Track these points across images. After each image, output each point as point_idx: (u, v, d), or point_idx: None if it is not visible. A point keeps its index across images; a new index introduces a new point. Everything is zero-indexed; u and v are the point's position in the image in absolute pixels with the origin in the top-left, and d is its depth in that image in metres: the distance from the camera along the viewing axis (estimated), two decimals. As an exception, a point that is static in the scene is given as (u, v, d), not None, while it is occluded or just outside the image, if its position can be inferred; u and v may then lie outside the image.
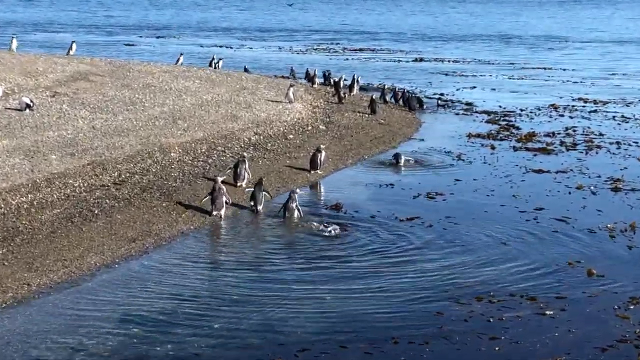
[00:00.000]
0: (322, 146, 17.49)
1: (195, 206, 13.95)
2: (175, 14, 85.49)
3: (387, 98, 27.28)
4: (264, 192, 14.36)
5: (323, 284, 10.76)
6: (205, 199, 13.84)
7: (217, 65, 33.89)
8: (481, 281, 10.92)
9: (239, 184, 15.39)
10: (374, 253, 12.04)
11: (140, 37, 56.89)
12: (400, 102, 27.28)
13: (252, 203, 14.29)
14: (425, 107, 26.90)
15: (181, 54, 35.43)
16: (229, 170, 15.73)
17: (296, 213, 13.71)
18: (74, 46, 35.07)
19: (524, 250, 12.28)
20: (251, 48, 50.55)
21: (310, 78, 30.66)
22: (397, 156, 18.32)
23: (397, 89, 28.28)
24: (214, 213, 13.62)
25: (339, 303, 10.08)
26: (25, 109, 19.23)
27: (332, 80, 29.49)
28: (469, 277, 11.06)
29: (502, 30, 68.11)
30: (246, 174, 15.55)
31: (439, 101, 28.57)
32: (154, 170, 15.74)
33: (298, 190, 14.16)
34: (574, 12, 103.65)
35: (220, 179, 14.09)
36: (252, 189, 14.50)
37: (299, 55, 46.22)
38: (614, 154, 19.95)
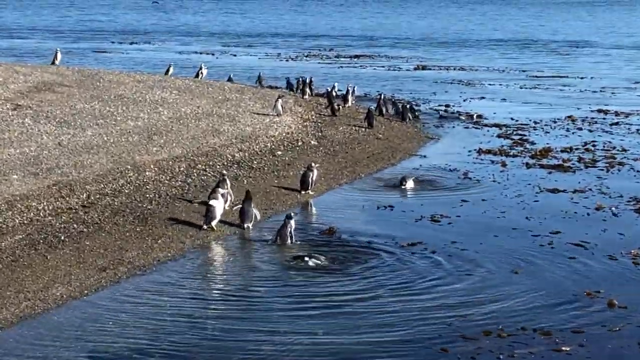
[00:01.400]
0: (313, 164, 17.56)
1: (173, 231, 13.98)
2: (152, 18, 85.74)
3: (384, 110, 27.42)
4: (253, 208, 14.54)
5: (314, 317, 10.77)
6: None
7: (200, 74, 33.99)
8: (490, 314, 10.94)
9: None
10: (371, 283, 12.06)
11: (112, 42, 57.07)
12: (391, 111, 27.45)
13: (240, 221, 14.51)
14: (419, 118, 26.96)
15: (170, 65, 35.56)
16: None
17: (289, 240, 13.75)
18: (59, 55, 35.08)
19: (537, 279, 12.31)
20: (235, 55, 50.73)
21: (300, 88, 30.79)
22: (404, 179, 18.17)
23: (383, 97, 28.34)
24: (205, 227, 14.17)
25: (331, 339, 10.09)
26: (-17, 124, 19.29)
27: (303, 88, 29.81)
28: (476, 309, 11.08)
29: (513, 35, 68.50)
30: (228, 195, 15.59)
31: (441, 112, 28.72)
32: (126, 191, 15.77)
33: (294, 215, 14.20)
34: (597, 14, 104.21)
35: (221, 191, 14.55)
36: (240, 206, 14.64)
37: (288, 63, 46.41)
38: (638, 171, 20.07)
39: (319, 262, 12.93)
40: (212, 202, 14.29)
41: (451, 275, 12.41)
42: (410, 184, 18.08)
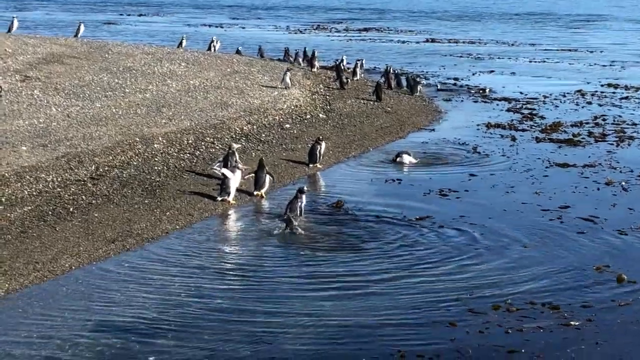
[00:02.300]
0: (321, 137, 17.49)
1: (181, 203, 13.96)
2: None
3: (393, 84, 27.30)
4: (267, 175, 14.74)
5: (321, 291, 10.74)
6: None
7: (214, 47, 33.82)
8: (498, 288, 10.90)
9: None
10: (379, 257, 12.01)
11: (121, 15, 56.88)
12: (400, 85, 27.37)
13: (254, 188, 14.80)
14: (419, 89, 26.79)
15: (183, 36, 35.40)
16: (217, 164, 15.78)
17: (299, 213, 13.70)
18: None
19: (546, 254, 12.25)
20: (244, 27, 50.54)
21: (309, 61, 30.64)
22: (399, 155, 18.04)
23: (392, 71, 28.19)
24: (219, 198, 14.26)
25: (339, 312, 10.06)
26: (-8, 95, 19.26)
27: (308, 61, 29.83)
28: (484, 284, 11.04)
29: (524, 9, 68.05)
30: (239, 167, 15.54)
31: (440, 85, 28.52)
32: (135, 163, 15.73)
33: (306, 189, 14.16)
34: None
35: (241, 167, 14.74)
36: (252, 174, 14.88)
37: (297, 35, 46.21)
38: (648, 145, 19.98)
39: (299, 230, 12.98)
40: (227, 173, 14.31)
41: (459, 250, 12.35)
42: (405, 159, 17.89)
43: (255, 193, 14.96)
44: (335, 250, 12.29)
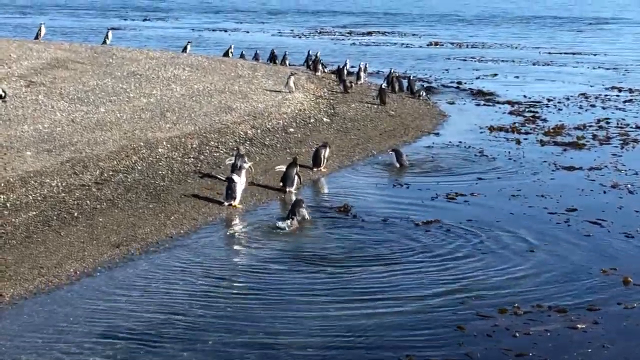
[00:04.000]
0: (326, 141, 17.47)
1: (186, 208, 13.91)
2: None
3: (396, 87, 27.25)
4: (297, 175, 15.22)
5: (327, 294, 10.68)
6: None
7: (231, 53, 33.79)
8: (506, 291, 10.85)
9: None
10: (386, 260, 11.96)
11: (125, 20, 56.92)
12: (403, 88, 27.36)
13: (282, 185, 15.23)
14: (423, 93, 26.69)
15: (188, 42, 35.40)
16: (228, 161, 16.08)
17: (306, 216, 13.67)
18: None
19: (553, 257, 12.20)
20: (248, 32, 50.54)
21: (312, 65, 30.61)
22: (397, 154, 17.99)
23: (395, 75, 28.14)
24: (226, 203, 14.29)
25: (345, 316, 10.01)
26: (-4, 100, 19.25)
27: (309, 64, 29.91)
28: (492, 287, 10.99)
29: (527, 12, 68.02)
30: (249, 169, 15.64)
31: (442, 88, 28.40)
32: (139, 168, 15.69)
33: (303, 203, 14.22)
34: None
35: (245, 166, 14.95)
36: (284, 168, 15.35)
37: (301, 40, 46.20)
38: (652, 148, 19.91)
39: (291, 225, 13.14)
40: (233, 177, 14.30)
41: (467, 253, 12.29)
42: (393, 157, 17.81)
43: (287, 190, 15.33)
44: (342, 254, 12.23)
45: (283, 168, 15.72)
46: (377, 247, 12.52)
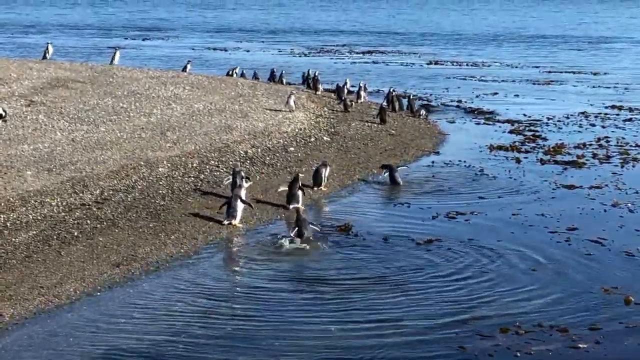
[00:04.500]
0: (326, 160, 17.50)
1: (186, 227, 13.91)
2: (165, 13, 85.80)
3: (397, 106, 27.28)
4: (300, 190, 15.36)
5: (329, 314, 10.67)
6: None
7: (236, 74, 33.78)
8: (507, 311, 10.83)
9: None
10: (387, 280, 11.95)
11: (126, 39, 57.09)
12: (403, 107, 27.40)
13: (287, 202, 15.34)
14: (423, 112, 26.70)
15: (188, 61, 35.48)
16: (227, 181, 16.10)
17: (311, 231, 13.76)
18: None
19: (554, 276, 12.19)
20: (248, 51, 50.67)
21: (313, 84, 30.67)
22: (390, 170, 18.06)
23: (395, 94, 28.16)
24: (225, 222, 14.24)
25: (346, 336, 9.99)
26: (-3, 120, 19.29)
27: (309, 83, 30.06)
28: (493, 307, 10.98)
29: (527, 30, 68.17)
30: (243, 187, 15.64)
31: (442, 107, 28.36)
32: (139, 187, 15.70)
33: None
34: (618, 11, 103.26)
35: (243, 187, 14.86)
36: (286, 188, 15.51)
37: (301, 59, 46.32)
38: (652, 167, 19.91)
39: (294, 244, 13.27)
40: (233, 195, 14.35)
41: (468, 273, 12.29)
42: (383, 176, 17.93)
43: (290, 207, 15.33)
44: (342, 274, 12.21)
45: (286, 188, 15.77)
46: (378, 267, 12.51)
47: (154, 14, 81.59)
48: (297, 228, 13.62)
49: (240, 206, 14.37)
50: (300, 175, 16.08)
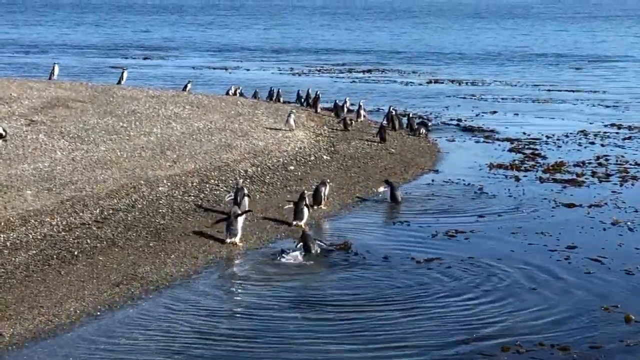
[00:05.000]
0: (326, 179, 17.54)
1: (186, 246, 13.92)
2: (165, 32, 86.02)
3: (396, 125, 27.32)
4: (306, 207, 15.51)
5: (330, 334, 10.67)
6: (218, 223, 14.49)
7: (239, 93, 33.78)
8: (507, 329, 10.84)
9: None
10: (387, 299, 11.96)
11: (126, 58, 57.25)
12: (403, 126, 27.46)
13: (293, 218, 15.45)
14: (423, 131, 26.73)
15: (189, 81, 35.53)
16: (228, 197, 16.20)
17: (317, 248, 13.89)
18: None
19: (554, 294, 12.20)
20: (248, 70, 50.79)
21: (313, 102, 30.73)
22: (391, 187, 18.11)
23: (395, 112, 28.18)
24: (228, 240, 14.24)
25: (346, 355, 9.98)
26: (-3, 139, 19.32)
27: (302, 101, 30.29)
28: (493, 325, 10.98)
29: (527, 49, 68.36)
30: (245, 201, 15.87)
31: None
32: (140, 206, 15.72)
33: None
34: (617, 29, 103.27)
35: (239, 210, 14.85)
36: (292, 206, 15.64)
37: (301, 77, 46.43)
38: (652, 185, 19.93)
39: (296, 258, 13.41)
40: (233, 212, 14.39)
41: (468, 292, 12.29)
42: (382, 190, 18.01)
43: (294, 223, 15.44)
44: (342, 294, 12.21)
45: (291, 205, 15.85)
46: (378, 286, 12.51)
47: (157, 34, 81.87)
48: (303, 243, 13.75)
49: (240, 224, 14.38)
50: (306, 193, 16.16)
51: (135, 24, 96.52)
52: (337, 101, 30.02)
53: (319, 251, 13.86)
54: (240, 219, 14.41)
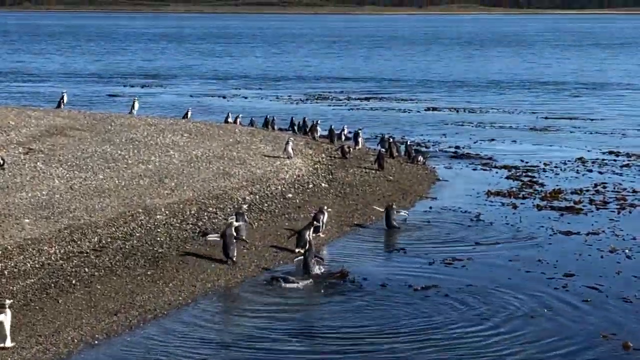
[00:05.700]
0: (324, 207, 17.60)
1: (184, 274, 13.95)
2: (162, 60, 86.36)
3: (394, 152, 27.44)
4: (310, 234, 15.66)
5: (322, 354, 10.69)
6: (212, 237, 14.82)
7: (239, 123, 33.82)
8: (505, 358, 10.85)
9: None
10: (384, 327, 11.99)
11: (125, 86, 57.45)
12: (401, 153, 27.59)
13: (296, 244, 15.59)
14: (420, 158, 26.84)
15: (189, 109, 35.60)
16: (231, 219, 16.20)
17: (317, 268, 14.07)
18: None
19: (552, 322, 12.25)
20: (246, 97, 50.97)
21: (310, 130, 30.82)
22: (387, 212, 18.22)
23: (393, 140, 28.28)
24: (229, 263, 14.61)
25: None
26: (-5, 168, 19.39)
27: (295, 128, 30.54)
28: (492, 353, 11.01)
29: (524, 77, 68.64)
30: (244, 227, 16.03)
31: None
32: (138, 234, 15.77)
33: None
34: (616, 56, 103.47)
35: (235, 223, 15.20)
36: (297, 234, 15.80)
37: (298, 105, 46.61)
38: (650, 213, 20.01)
39: (295, 284, 13.53)
40: (227, 233, 14.52)
41: (465, 319, 12.33)
42: (395, 217, 18.22)
43: (297, 251, 15.51)
44: (339, 321, 12.25)
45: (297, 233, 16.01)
46: (374, 315, 12.54)
47: (158, 62, 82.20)
48: (305, 265, 13.86)
49: (234, 244, 14.68)
50: (316, 223, 16.21)
51: (136, 52, 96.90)
52: (332, 127, 30.12)
53: (322, 270, 13.96)
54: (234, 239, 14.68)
